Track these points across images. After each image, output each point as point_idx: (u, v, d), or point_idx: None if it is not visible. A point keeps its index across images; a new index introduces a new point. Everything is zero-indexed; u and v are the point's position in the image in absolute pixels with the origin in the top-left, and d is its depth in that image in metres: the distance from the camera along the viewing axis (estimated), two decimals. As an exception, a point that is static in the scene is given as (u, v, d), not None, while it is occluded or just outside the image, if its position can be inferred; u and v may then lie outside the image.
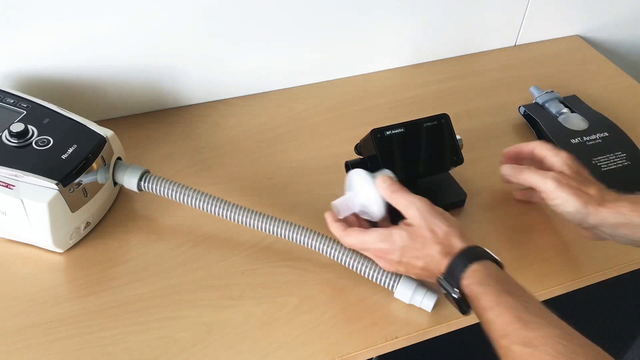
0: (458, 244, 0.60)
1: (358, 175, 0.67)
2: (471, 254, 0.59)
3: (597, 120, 0.89)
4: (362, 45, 0.99)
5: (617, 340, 1.01)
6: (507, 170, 0.73)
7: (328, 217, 0.67)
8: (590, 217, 0.66)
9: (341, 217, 0.67)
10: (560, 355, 0.48)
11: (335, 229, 0.66)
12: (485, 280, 0.57)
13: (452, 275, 0.59)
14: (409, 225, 0.63)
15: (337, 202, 0.67)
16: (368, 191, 0.66)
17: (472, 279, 0.57)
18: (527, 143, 0.74)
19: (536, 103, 0.94)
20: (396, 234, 0.62)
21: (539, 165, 0.72)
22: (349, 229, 0.65)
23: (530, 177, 0.70)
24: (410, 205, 0.63)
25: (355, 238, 0.64)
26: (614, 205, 0.65)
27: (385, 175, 0.66)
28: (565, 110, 0.91)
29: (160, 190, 0.71)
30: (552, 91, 0.94)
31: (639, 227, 0.64)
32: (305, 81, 0.99)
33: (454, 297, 0.59)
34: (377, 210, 0.66)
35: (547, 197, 0.68)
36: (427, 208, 0.63)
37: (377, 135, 0.72)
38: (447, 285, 0.60)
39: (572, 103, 0.93)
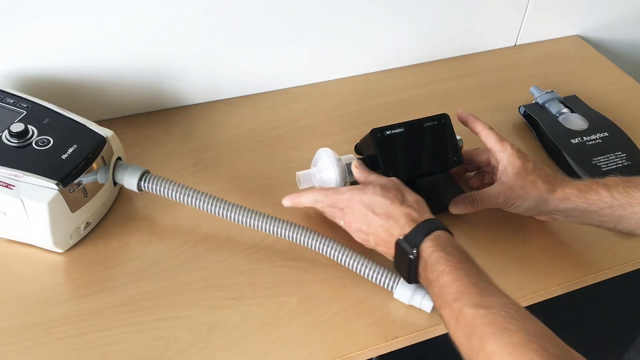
0: (425, 215, 0.63)
1: (325, 155, 0.72)
2: (435, 224, 0.62)
3: (597, 120, 0.89)
4: (362, 45, 0.99)
5: (617, 340, 1.01)
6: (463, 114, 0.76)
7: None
8: (544, 205, 0.69)
9: (300, 187, 0.74)
10: (512, 318, 0.50)
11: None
12: (446, 248, 0.59)
13: (414, 237, 0.60)
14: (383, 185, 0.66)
15: (300, 173, 0.74)
16: (330, 171, 0.72)
17: (434, 243, 0.59)
18: (476, 122, 0.76)
19: (536, 103, 0.94)
20: (371, 187, 0.66)
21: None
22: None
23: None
24: (387, 179, 0.68)
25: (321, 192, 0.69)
26: (562, 192, 0.68)
27: (358, 161, 0.71)
28: (565, 110, 0.91)
29: (160, 190, 0.71)
30: (552, 91, 0.94)
31: (587, 212, 0.67)
32: (305, 81, 0.99)
33: (409, 259, 0.60)
34: None
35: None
36: (402, 183, 0.67)
37: (377, 135, 0.72)
38: (407, 245, 0.60)
39: (572, 103, 0.93)
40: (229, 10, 0.86)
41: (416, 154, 0.73)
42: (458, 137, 0.76)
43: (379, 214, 0.64)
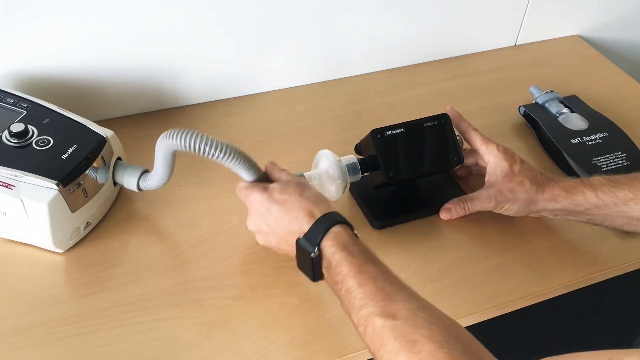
0: (323, 208, 0.61)
1: (325, 157, 0.72)
2: (334, 217, 0.59)
3: (597, 120, 0.89)
4: (362, 45, 0.99)
5: (617, 340, 1.01)
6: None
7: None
8: (533, 206, 0.70)
9: None
10: (420, 327, 0.49)
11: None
12: (349, 247, 0.57)
13: (314, 234, 0.58)
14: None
15: (305, 174, 0.73)
16: (330, 173, 0.71)
17: (335, 242, 0.57)
18: (461, 122, 0.76)
19: (536, 103, 0.94)
20: (271, 185, 0.63)
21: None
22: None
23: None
24: (291, 176, 0.66)
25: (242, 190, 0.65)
26: (550, 192, 0.69)
27: (271, 161, 0.68)
28: (565, 110, 0.91)
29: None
30: (552, 91, 0.94)
31: (574, 212, 0.69)
32: (305, 81, 0.99)
33: (311, 258, 0.58)
34: (334, 192, 0.72)
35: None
36: (304, 180, 0.68)
37: (377, 135, 0.72)
38: (307, 244, 0.58)
39: (572, 103, 0.93)
40: (229, 11, 0.86)
41: (416, 154, 0.73)
42: (458, 137, 0.76)
43: (276, 211, 0.61)
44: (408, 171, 0.72)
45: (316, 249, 0.57)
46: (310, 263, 0.58)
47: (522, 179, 0.70)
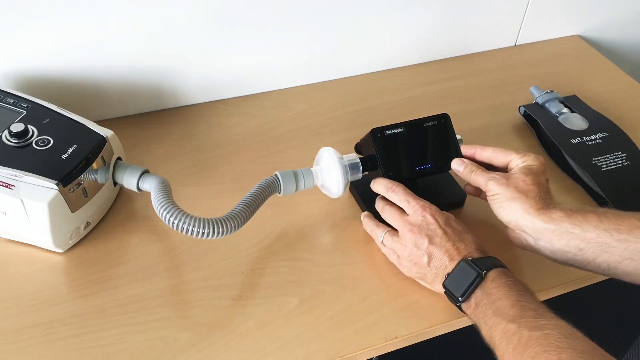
0: (490, 253, 0.64)
1: (327, 154, 0.72)
2: (500, 262, 0.63)
3: (597, 120, 0.89)
4: (362, 45, 0.99)
5: (617, 340, 1.01)
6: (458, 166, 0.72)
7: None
8: (524, 219, 0.64)
9: None
10: (565, 337, 0.51)
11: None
12: (510, 278, 0.60)
13: (483, 262, 0.61)
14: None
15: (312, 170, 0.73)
16: (332, 170, 0.71)
17: (499, 273, 0.60)
18: (484, 148, 0.72)
19: (536, 103, 0.94)
20: (447, 213, 0.67)
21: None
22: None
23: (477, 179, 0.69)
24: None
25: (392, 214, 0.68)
26: (548, 212, 0.63)
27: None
28: (565, 110, 0.91)
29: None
30: (552, 91, 0.94)
31: (567, 234, 0.62)
32: (305, 81, 0.99)
33: (476, 276, 0.60)
34: (335, 191, 0.72)
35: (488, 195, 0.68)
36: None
37: (377, 134, 0.72)
38: (475, 266, 0.61)
39: (572, 103, 0.93)
40: (229, 11, 0.86)
41: (416, 154, 0.73)
42: (458, 137, 0.76)
43: (450, 230, 0.65)
44: (407, 171, 0.72)
45: (484, 272, 0.60)
46: (471, 281, 0.60)
47: (534, 188, 0.65)
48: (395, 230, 0.68)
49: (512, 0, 1.04)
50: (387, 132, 0.72)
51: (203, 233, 0.62)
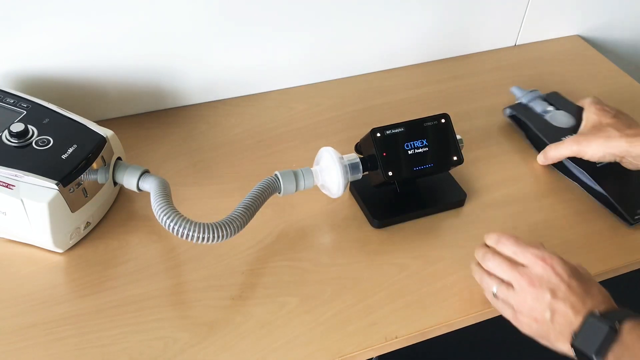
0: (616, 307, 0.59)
1: (327, 154, 0.72)
2: (632, 313, 0.57)
3: (580, 114, 0.87)
4: (362, 45, 0.99)
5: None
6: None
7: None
8: (614, 148, 0.75)
9: None
10: None
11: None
12: None
13: (614, 314, 0.56)
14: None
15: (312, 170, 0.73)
16: (332, 170, 0.71)
17: (635, 324, 0.55)
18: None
19: (520, 103, 0.92)
20: (557, 263, 0.60)
21: None
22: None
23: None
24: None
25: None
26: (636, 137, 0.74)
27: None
28: (550, 108, 0.89)
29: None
30: (534, 90, 0.92)
31: None
32: (305, 81, 0.99)
33: (608, 330, 0.54)
34: (335, 191, 0.72)
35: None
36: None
37: (377, 134, 0.72)
38: (604, 319, 0.55)
39: (555, 100, 0.91)
40: (229, 11, 0.86)
41: (416, 154, 0.73)
42: (458, 137, 0.76)
43: (575, 283, 0.59)
44: (407, 171, 0.72)
45: (617, 323, 0.54)
46: (603, 336, 0.54)
47: (608, 128, 0.76)
48: (507, 282, 0.62)
49: (512, 0, 1.04)
50: (387, 132, 0.72)
51: (203, 238, 0.62)
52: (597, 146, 0.76)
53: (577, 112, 0.88)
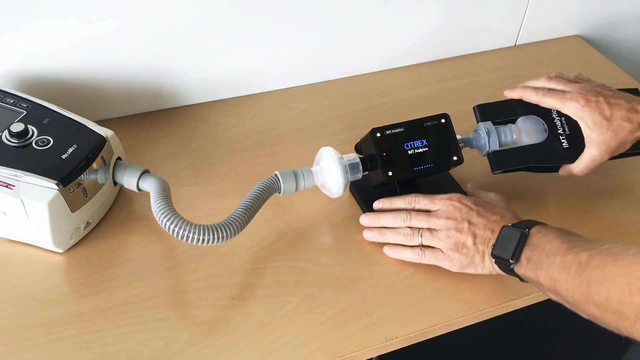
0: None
1: (327, 154, 0.72)
2: (537, 222, 0.64)
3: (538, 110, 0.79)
4: (362, 45, 0.99)
5: (617, 340, 1.01)
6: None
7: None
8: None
9: None
10: (628, 244, 0.53)
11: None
12: (553, 229, 0.62)
13: (523, 224, 0.63)
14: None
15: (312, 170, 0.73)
16: (332, 170, 0.71)
17: (541, 227, 0.62)
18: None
19: (495, 152, 0.77)
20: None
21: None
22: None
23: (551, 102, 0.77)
24: None
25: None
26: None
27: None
28: (507, 129, 0.78)
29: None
30: (476, 130, 0.79)
31: None
32: (305, 81, 0.99)
33: (520, 235, 0.61)
34: (335, 190, 0.72)
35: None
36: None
37: (377, 134, 0.72)
38: (516, 227, 0.63)
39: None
40: (228, 10, 0.86)
41: (416, 154, 0.73)
42: (458, 137, 0.76)
43: (481, 208, 0.67)
44: (407, 171, 0.72)
45: (527, 229, 0.62)
46: (516, 241, 0.61)
47: (619, 122, 0.71)
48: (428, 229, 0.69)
49: (512, 1, 1.04)
50: (387, 132, 0.72)
51: (203, 240, 0.62)
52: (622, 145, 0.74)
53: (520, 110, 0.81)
